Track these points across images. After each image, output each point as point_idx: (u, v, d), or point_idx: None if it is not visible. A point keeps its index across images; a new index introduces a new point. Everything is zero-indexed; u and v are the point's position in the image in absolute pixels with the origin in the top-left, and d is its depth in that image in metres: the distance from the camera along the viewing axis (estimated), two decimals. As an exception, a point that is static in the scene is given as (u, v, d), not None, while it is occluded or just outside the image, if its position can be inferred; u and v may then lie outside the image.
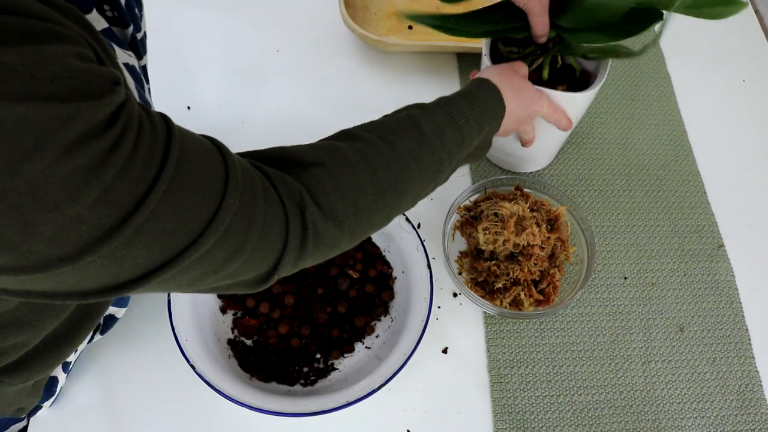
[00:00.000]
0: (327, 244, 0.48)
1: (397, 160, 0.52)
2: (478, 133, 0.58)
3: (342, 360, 0.71)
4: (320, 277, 0.74)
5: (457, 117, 0.56)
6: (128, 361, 0.71)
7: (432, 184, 0.56)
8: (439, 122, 0.55)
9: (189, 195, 0.38)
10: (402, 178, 0.52)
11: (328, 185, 0.48)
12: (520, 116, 0.65)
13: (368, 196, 0.50)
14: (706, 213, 0.84)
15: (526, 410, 0.70)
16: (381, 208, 0.51)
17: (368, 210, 0.50)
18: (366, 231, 0.52)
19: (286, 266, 0.46)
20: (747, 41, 1.01)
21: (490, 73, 0.64)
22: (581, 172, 0.87)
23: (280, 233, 0.45)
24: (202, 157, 0.40)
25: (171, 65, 0.93)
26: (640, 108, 0.93)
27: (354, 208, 0.49)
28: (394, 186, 0.51)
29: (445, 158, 0.55)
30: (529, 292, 0.71)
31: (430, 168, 0.54)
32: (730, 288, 0.79)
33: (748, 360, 0.75)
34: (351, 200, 0.49)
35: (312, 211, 0.46)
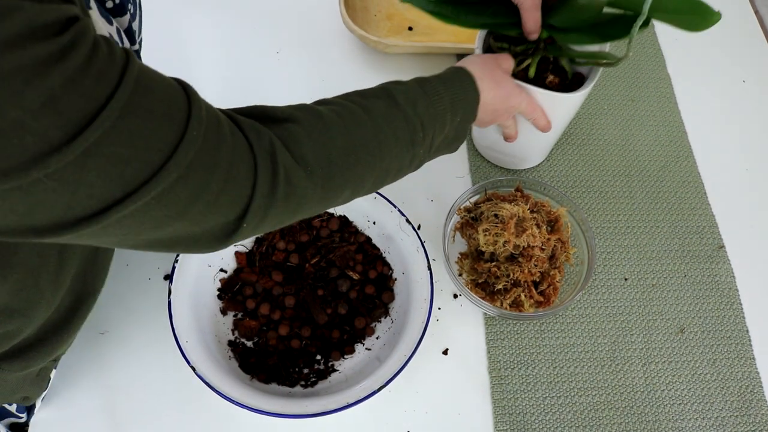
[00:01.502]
0: (298, 195, 0.47)
1: (370, 122, 0.52)
2: (452, 114, 0.58)
3: (342, 361, 0.71)
4: (320, 278, 0.75)
5: (430, 93, 0.57)
6: (128, 362, 0.71)
7: (408, 156, 0.55)
8: (412, 95, 0.56)
9: (146, 122, 0.37)
10: (376, 138, 0.52)
11: (301, 135, 0.48)
12: (497, 108, 0.64)
13: (340, 149, 0.49)
14: (706, 214, 0.84)
15: (526, 411, 0.70)
16: (354, 165, 0.51)
17: (341, 164, 0.49)
18: (340, 188, 0.51)
19: (256, 214, 0.45)
20: (747, 42, 1.01)
21: (471, 61, 0.65)
22: (581, 173, 0.87)
23: (248, 176, 0.43)
24: (163, 89, 0.39)
25: (171, 66, 0.93)
26: (640, 109, 0.93)
27: (326, 160, 0.48)
28: (367, 145, 0.51)
29: (419, 128, 0.55)
30: (529, 294, 0.71)
31: (404, 135, 0.54)
32: (730, 289, 0.79)
33: (748, 361, 0.75)
34: (323, 152, 0.48)
35: (282, 156, 0.45)
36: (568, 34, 0.68)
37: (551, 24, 0.68)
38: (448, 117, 0.58)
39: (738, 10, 1.04)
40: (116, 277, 0.76)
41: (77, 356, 0.71)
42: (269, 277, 0.74)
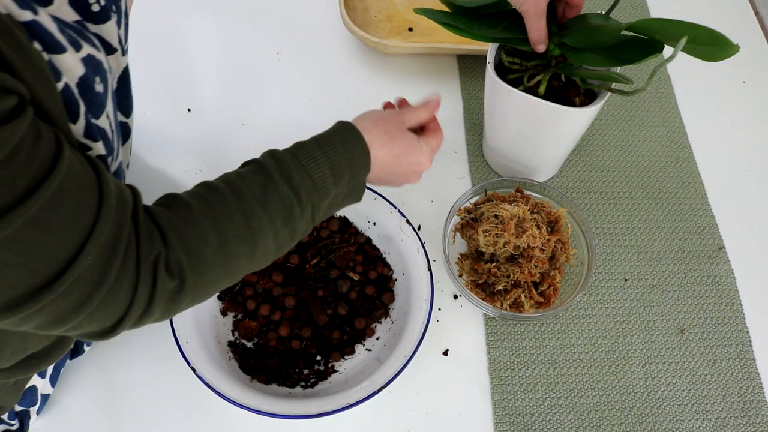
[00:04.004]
0: (173, 304, 0.48)
1: (242, 210, 0.50)
2: (334, 178, 0.55)
3: (342, 362, 0.71)
4: (321, 279, 0.75)
5: (305, 161, 0.54)
6: (128, 363, 0.71)
7: (286, 232, 0.53)
8: (286, 168, 0.53)
9: (46, 237, 0.37)
10: (249, 226, 0.50)
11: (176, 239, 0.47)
12: (395, 170, 0.60)
13: (212, 247, 0.48)
14: (706, 215, 0.84)
15: (526, 412, 0.70)
16: (227, 259, 0.50)
17: (213, 263, 0.49)
18: (213, 284, 0.51)
19: (130, 322, 0.46)
20: (747, 43, 1.01)
21: (365, 117, 0.61)
22: (581, 173, 0.87)
23: (129, 291, 0.44)
24: (75, 203, 0.40)
25: (171, 67, 0.93)
26: (641, 110, 0.93)
27: (198, 265, 0.48)
28: (239, 236, 0.50)
29: (295, 204, 0.52)
30: (529, 294, 0.71)
31: (279, 215, 0.52)
32: (730, 290, 0.79)
33: (748, 362, 0.75)
34: (196, 257, 0.48)
35: (161, 273, 0.46)
36: (581, 54, 0.67)
37: (564, 42, 0.68)
38: (329, 182, 0.55)
39: (738, 10, 1.04)
40: (116, 278, 0.76)
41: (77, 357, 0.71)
42: (269, 277, 0.74)
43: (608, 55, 0.65)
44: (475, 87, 0.93)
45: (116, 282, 0.43)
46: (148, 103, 0.89)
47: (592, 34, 0.65)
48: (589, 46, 0.66)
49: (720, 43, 0.57)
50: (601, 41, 0.65)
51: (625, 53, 0.64)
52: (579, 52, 0.67)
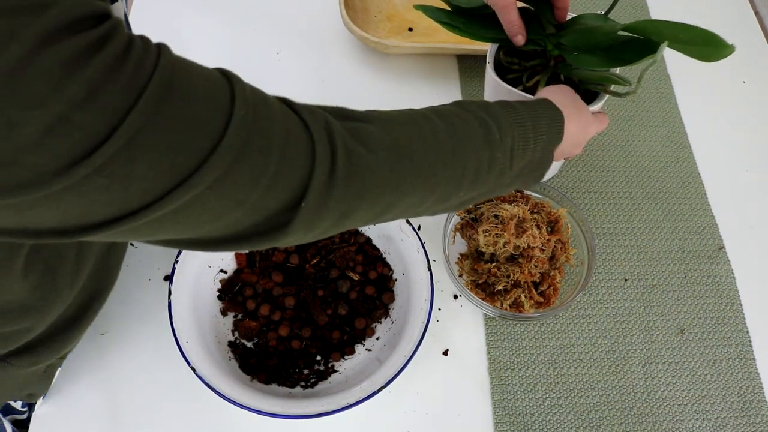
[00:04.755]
0: (361, 174, 0.43)
1: (439, 119, 0.48)
2: (533, 129, 0.54)
3: (342, 362, 0.71)
4: (321, 279, 0.75)
5: (505, 106, 0.54)
6: (128, 363, 0.71)
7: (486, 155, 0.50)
8: (483, 104, 0.53)
9: (189, 106, 0.35)
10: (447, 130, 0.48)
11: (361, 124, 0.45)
12: (578, 139, 0.61)
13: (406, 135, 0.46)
14: (706, 215, 0.84)
15: (526, 412, 0.70)
16: (424, 152, 0.46)
17: (408, 147, 0.45)
18: (410, 174, 0.46)
19: (316, 195, 0.41)
20: (747, 43, 1.01)
21: (551, 90, 0.62)
22: (581, 174, 0.87)
23: (306, 155, 0.41)
24: (201, 73, 0.38)
25: (171, 67, 0.93)
26: (641, 110, 0.93)
27: (392, 142, 0.44)
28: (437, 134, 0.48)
29: (494, 129, 0.51)
30: (529, 294, 0.71)
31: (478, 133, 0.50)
32: (730, 290, 0.79)
33: (748, 362, 0.75)
34: (388, 135, 0.45)
35: (341, 135, 0.42)
36: (578, 55, 0.67)
37: (561, 43, 0.68)
38: (529, 128, 0.54)
39: (738, 10, 1.04)
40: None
41: (78, 356, 0.71)
42: (269, 277, 0.74)
43: (605, 56, 0.65)
44: (475, 87, 0.93)
45: (286, 144, 0.40)
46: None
47: (589, 35, 0.65)
48: (586, 47, 0.66)
49: (715, 44, 0.57)
50: (597, 42, 0.65)
51: (623, 54, 0.64)
52: (576, 53, 0.67)
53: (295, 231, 0.42)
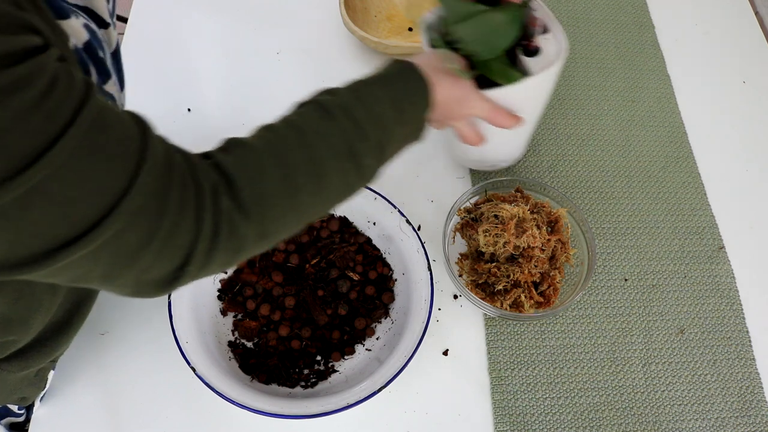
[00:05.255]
0: (239, 238, 0.45)
1: (302, 141, 0.49)
2: (396, 113, 0.54)
3: (342, 362, 0.71)
4: (321, 279, 0.75)
5: (365, 98, 0.53)
6: (128, 363, 0.71)
7: (353, 168, 0.51)
8: (344, 102, 0.52)
9: (97, 163, 0.36)
10: (311, 160, 0.48)
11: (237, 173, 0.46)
12: (452, 109, 0.61)
13: (274, 180, 0.47)
14: (706, 215, 0.84)
15: (526, 412, 0.70)
16: (293, 194, 0.48)
17: (277, 195, 0.47)
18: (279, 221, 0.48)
19: (199, 260, 0.43)
20: (747, 43, 1.01)
21: (425, 56, 0.61)
22: (581, 173, 0.87)
23: (194, 222, 0.42)
24: (120, 129, 0.38)
25: (172, 67, 0.93)
26: (641, 110, 0.93)
27: (260, 196, 0.46)
28: (301, 169, 0.48)
29: (356, 138, 0.51)
30: (529, 294, 0.71)
31: (343, 147, 0.50)
32: (730, 290, 0.79)
33: (748, 362, 0.75)
34: (258, 188, 0.46)
35: (225, 201, 0.44)
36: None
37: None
38: (391, 116, 0.54)
39: (738, 10, 1.04)
40: (116, 278, 0.76)
41: (77, 356, 0.71)
42: (269, 277, 0.74)
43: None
44: (475, 87, 0.93)
45: (181, 209, 0.41)
46: (148, 103, 0.89)
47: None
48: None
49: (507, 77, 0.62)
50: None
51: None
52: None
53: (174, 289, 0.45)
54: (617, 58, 0.97)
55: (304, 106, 0.53)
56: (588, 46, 0.98)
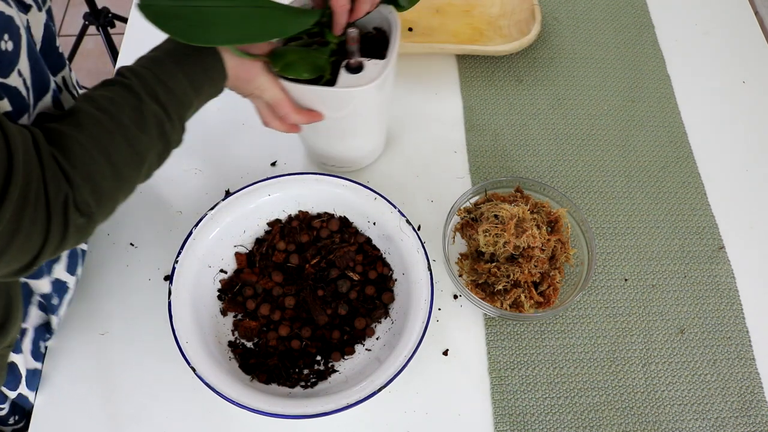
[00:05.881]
0: (84, 236, 0.53)
1: (125, 136, 0.54)
2: (193, 90, 0.59)
3: (342, 362, 0.71)
4: (321, 279, 0.75)
5: (165, 78, 0.57)
6: (128, 362, 0.71)
7: (163, 145, 0.58)
8: (150, 86, 0.56)
9: None
10: (135, 151, 0.54)
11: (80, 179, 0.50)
12: (241, 86, 0.65)
13: (108, 178, 0.53)
14: (706, 215, 0.84)
15: (526, 412, 0.70)
16: (123, 183, 0.55)
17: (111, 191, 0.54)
18: (113, 208, 0.56)
19: (45, 257, 0.50)
20: (747, 43, 1.01)
21: None
22: (581, 173, 0.87)
23: (42, 233, 0.48)
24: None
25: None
26: (640, 110, 0.93)
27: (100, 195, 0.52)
28: (129, 161, 0.54)
29: (165, 120, 0.57)
30: (529, 294, 0.71)
31: (156, 131, 0.56)
32: (730, 290, 0.79)
33: (748, 362, 0.75)
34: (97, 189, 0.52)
35: (73, 214, 0.50)
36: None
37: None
38: (191, 95, 0.59)
39: (738, 10, 1.04)
40: (116, 278, 0.76)
41: (77, 356, 0.71)
42: (269, 277, 0.74)
43: None
44: (475, 87, 0.93)
45: (30, 228, 0.46)
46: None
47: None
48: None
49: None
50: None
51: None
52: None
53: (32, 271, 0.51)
54: (617, 58, 0.97)
55: (111, 87, 0.56)
56: (588, 46, 0.98)
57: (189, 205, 0.81)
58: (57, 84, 0.62)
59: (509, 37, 0.95)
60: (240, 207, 0.75)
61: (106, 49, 1.67)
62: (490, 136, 0.89)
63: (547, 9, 1.02)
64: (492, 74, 0.95)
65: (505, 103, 0.92)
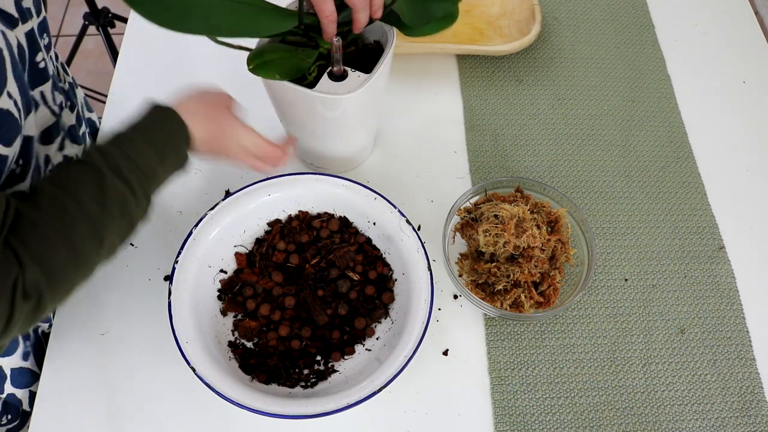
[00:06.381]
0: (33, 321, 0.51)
1: (84, 214, 0.53)
2: (160, 162, 0.58)
3: (342, 362, 0.71)
4: (321, 279, 0.75)
5: (131, 153, 0.56)
6: (128, 362, 0.71)
7: (126, 222, 0.56)
8: (113, 162, 0.55)
9: None
10: (94, 229, 0.53)
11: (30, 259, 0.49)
12: (217, 145, 0.64)
13: (62, 257, 0.51)
14: (706, 215, 0.84)
15: (526, 412, 0.70)
16: (79, 262, 0.53)
17: (65, 271, 0.51)
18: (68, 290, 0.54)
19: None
20: (747, 43, 1.01)
21: (187, 98, 0.64)
22: (581, 173, 0.87)
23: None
24: None
25: (171, 67, 0.93)
26: (641, 109, 0.93)
27: (52, 275, 0.50)
28: (86, 239, 0.53)
29: (129, 196, 0.56)
30: (529, 294, 0.71)
31: (119, 209, 0.55)
32: (730, 290, 0.79)
33: (748, 362, 0.75)
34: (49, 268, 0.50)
35: (19, 301, 0.48)
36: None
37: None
38: (158, 167, 0.58)
39: (738, 10, 1.04)
40: (116, 278, 0.76)
41: (78, 356, 0.71)
42: (269, 277, 0.74)
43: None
44: (475, 87, 0.93)
45: None
46: (148, 103, 0.89)
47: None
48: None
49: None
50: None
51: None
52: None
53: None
54: (617, 58, 0.97)
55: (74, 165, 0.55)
56: (588, 46, 0.98)
57: (189, 205, 0.82)
58: (35, 99, 0.62)
59: (509, 37, 0.95)
60: (240, 207, 0.75)
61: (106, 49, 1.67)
62: (490, 136, 0.89)
63: (547, 9, 1.02)
64: (492, 74, 0.95)
65: (505, 103, 0.92)
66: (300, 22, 0.66)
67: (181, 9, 0.58)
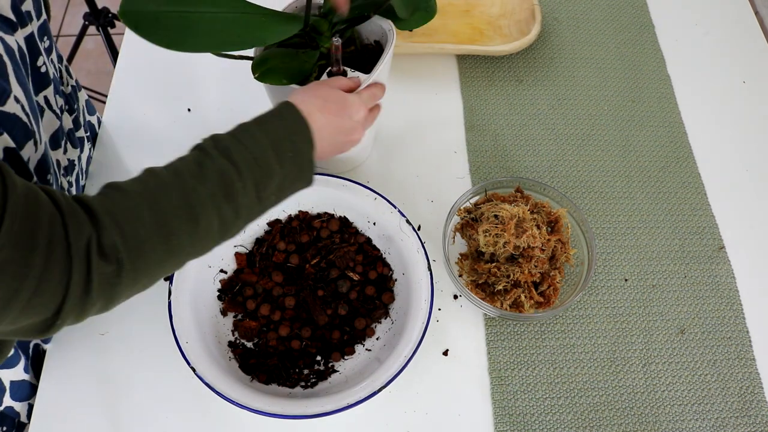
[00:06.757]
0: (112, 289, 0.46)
1: (179, 185, 0.49)
2: (274, 152, 0.54)
3: (342, 362, 0.71)
4: (321, 279, 0.75)
5: (243, 138, 0.53)
6: (128, 362, 0.71)
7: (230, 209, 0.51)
8: (223, 145, 0.52)
9: None
10: (188, 202, 0.48)
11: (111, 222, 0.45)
12: (338, 126, 0.61)
13: (149, 227, 0.46)
14: (706, 215, 0.84)
15: (526, 412, 0.70)
16: (167, 239, 0.47)
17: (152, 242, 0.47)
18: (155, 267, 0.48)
19: (70, 313, 0.44)
20: (747, 43, 1.01)
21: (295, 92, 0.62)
22: (581, 173, 0.87)
23: (62, 280, 0.42)
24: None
25: (171, 67, 0.93)
26: (641, 110, 0.93)
27: (136, 244, 0.46)
28: (178, 212, 0.48)
29: (236, 178, 0.51)
30: (529, 294, 0.71)
31: (221, 189, 0.50)
32: (730, 290, 0.79)
33: (748, 362, 0.75)
34: (133, 237, 0.46)
35: (96, 260, 0.44)
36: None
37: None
38: (271, 158, 0.54)
39: (738, 10, 1.04)
40: (116, 278, 0.76)
41: (78, 356, 0.71)
42: (269, 277, 0.74)
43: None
44: (475, 87, 0.93)
45: (45, 272, 0.41)
46: (148, 103, 0.89)
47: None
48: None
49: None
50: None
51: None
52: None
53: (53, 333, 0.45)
54: (617, 58, 0.97)
55: (189, 152, 0.53)
56: (588, 46, 0.98)
57: (189, 205, 0.81)
58: (40, 105, 0.62)
59: (509, 37, 0.95)
60: (240, 207, 0.75)
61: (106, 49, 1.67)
62: (490, 136, 0.89)
63: (547, 9, 1.02)
64: (492, 74, 0.95)
65: (505, 103, 0.92)
66: (306, 24, 0.66)
67: (183, 28, 0.56)
